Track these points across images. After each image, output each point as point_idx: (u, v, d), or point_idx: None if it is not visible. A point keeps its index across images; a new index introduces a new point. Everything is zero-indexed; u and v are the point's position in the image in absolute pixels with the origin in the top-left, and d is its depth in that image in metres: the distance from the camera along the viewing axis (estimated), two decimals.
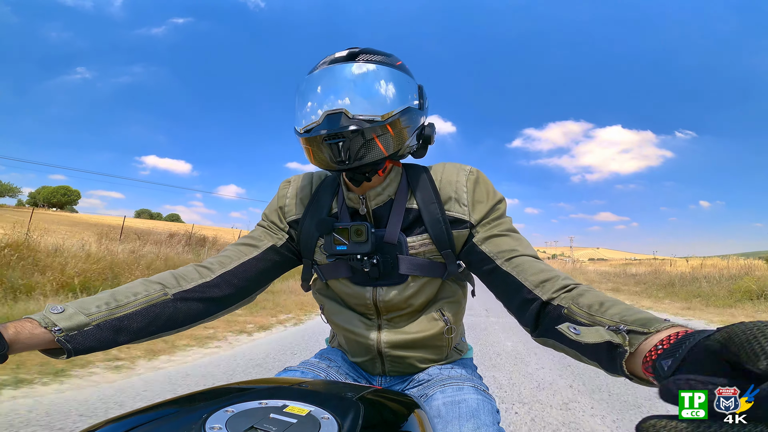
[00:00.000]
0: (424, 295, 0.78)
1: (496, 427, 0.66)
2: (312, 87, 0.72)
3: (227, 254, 0.78)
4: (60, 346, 0.55)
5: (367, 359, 0.84)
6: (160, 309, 0.66)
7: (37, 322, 0.55)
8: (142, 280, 0.68)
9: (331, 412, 0.46)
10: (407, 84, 0.74)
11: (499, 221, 0.75)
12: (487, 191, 0.76)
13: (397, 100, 0.71)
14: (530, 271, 0.65)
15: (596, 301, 0.54)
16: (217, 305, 0.74)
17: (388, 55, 0.75)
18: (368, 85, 0.70)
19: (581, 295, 0.57)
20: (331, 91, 0.70)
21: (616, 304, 0.52)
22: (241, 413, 0.44)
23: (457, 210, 0.74)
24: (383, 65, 0.72)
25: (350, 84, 0.69)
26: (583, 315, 0.54)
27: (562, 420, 2.22)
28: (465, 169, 0.78)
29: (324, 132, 0.66)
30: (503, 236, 0.72)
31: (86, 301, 0.61)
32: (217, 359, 3.19)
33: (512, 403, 2.48)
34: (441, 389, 0.75)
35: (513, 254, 0.69)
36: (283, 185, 0.87)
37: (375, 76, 0.71)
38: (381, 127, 0.67)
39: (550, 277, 0.63)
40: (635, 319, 0.46)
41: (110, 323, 0.60)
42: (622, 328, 0.46)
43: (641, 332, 0.43)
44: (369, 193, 0.76)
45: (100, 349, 0.59)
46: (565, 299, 0.58)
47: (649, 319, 0.45)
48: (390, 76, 0.72)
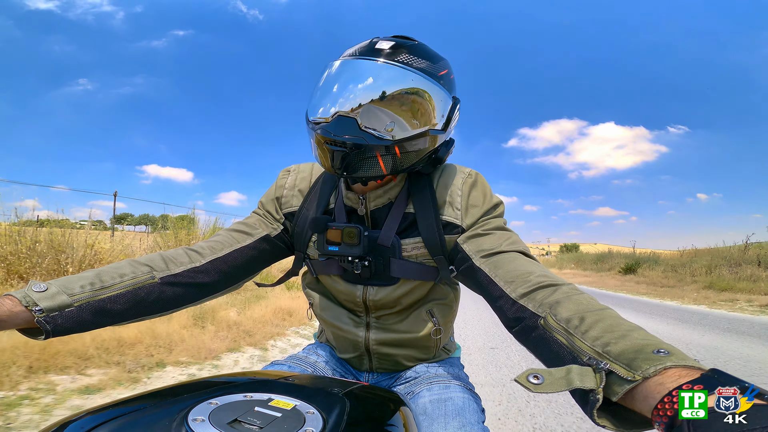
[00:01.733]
0: (414, 296, 0.77)
1: (480, 426, 0.66)
2: (336, 75, 0.66)
3: (219, 240, 0.76)
4: (39, 326, 0.53)
5: (354, 356, 0.84)
6: (145, 292, 0.63)
7: (17, 300, 0.53)
8: (130, 261, 0.66)
9: (316, 407, 0.45)
10: (440, 101, 0.68)
11: (487, 221, 0.71)
12: (484, 195, 0.73)
13: (419, 121, 0.66)
14: (505, 268, 0.61)
15: (576, 314, 0.48)
16: (204, 291, 0.72)
17: (436, 59, 0.69)
18: (392, 97, 0.64)
19: (559, 303, 0.51)
20: (351, 91, 0.64)
21: (600, 320, 0.45)
22: (225, 406, 0.44)
23: (451, 214, 0.71)
24: (423, 75, 0.65)
25: (374, 90, 0.63)
26: (561, 332, 0.47)
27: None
28: (464, 172, 0.75)
29: (330, 135, 0.62)
30: (486, 235, 0.69)
31: (70, 279, 0.59)
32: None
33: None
34: (428, 387, 0.75)
35: (492, 251, 0.65)
36: (282, 174, 0.84)
37: (407, 87, 0.64)
38: (388, 147, 0.64)
39: (523, 272, 0.59)
40: (621, 351, 0.39)
41: (93, 305, 0.58)
42: (602, 365, 0.38)
43: (624, 378, 0.36)
44: (369, 195, 0.74)
45: (80, 331, 0.58)
46: (542, 306, 0.53)
47: (639, 348, 0.38)
48: (423, 92, 0.65)
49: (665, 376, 0.34)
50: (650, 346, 0.38)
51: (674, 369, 0.34)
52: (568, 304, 0.50)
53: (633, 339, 0.40)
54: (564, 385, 0.37)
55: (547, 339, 0.49)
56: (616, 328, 0.43)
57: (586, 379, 0.37)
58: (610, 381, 0.37)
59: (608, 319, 0.46)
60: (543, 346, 0.50)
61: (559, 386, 0.37)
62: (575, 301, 0.51)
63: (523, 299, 0.56)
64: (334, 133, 0.63)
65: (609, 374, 0.38)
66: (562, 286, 0.55)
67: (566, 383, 0.37)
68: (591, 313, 0.47)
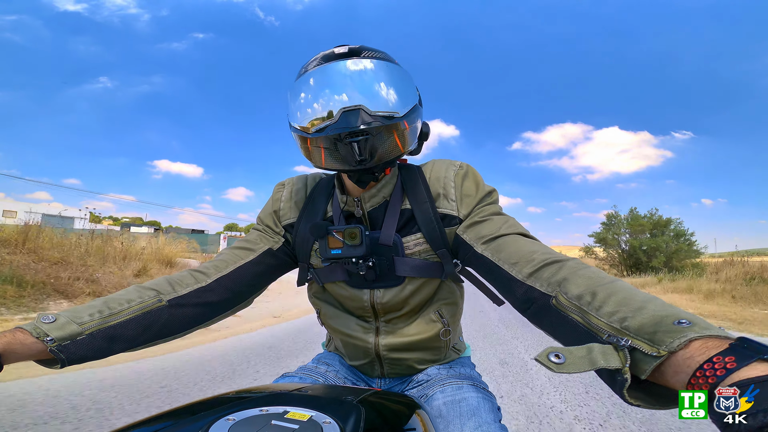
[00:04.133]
0: (421, 296, 0.78)
1: (497, 424, 0.66)
2: (319, 83, 0.68)
3: (223, 258, 0.77)
4: (53, 356, 0.54)
5: (365, 362, 0.84)
6: (154, 316, 0.64)
7: (28, 332, 0.53)
8: (136, 287, 0.67)
9: (332, 416, 0.46)
10: (410, 80, 0.72)
11: (482, 209, 0.72)
12: (477, 184, 0.74)
13: (410, 96, 0.70)
14: (508, 250, 0.62)
15: (587, 289, 0.46)
16: (213, 310, 0.72)
17: (384, 52, 0.73)
18: (382, 81, 0.67)
19: (567, 280, 0.50)
20: (345, 88, 0.66)
21: (613, 293, 0.44)
22: (242, 421, 0.44)
23: (446, 206, 0.73)
24: (388, 62, 0.70)
25: (364, 79, 0.67)
26: (574, 310, 0.46)
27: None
28: (454, 164, 0.77)
29: (344, 129, 0.63)
30: (484, 221, 0.69)
31: (78, 309, 0.60)
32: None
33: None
34: (441, 389, 0.75)
35: (492, 236, 0.66)
36: (277, 188, 0.85)
37: (387, 72, 0.68)
38: (400, 123, 0.66)
39: (526, 252, 0.59)
40: (640, 325, 0.38)
41: (104, 332, 0.59)
42: (623, 342, 0.37)
43: (650, 354, 0.35)
44: (364, 196, 0.75)
45: (95, 358, 0.58)
46: (550, 285, 0.52)
47: (659, 321, 0.37)
48: (398, 73, 0.70)
49: (692, 349, 0.33)
50: (670, 317, 0.37)
51: (700, 340, 0.33)
52: (577, 280, 0.49)
53: (650, 311, 0.39)
54: (587, 365, 0.35)
55: (561, 319, 0.48)
56: (630, 300, 0.42)
57: (610, 358, 0.36)
58: (635, 358, 0.36)
59: (621, 292, 0.44)
60: (559, 327, 0.49)
61: (582, 366, 0.35)
62: (583, 276, 0.50)
63: (530, 279, 0.56)
64: (348, 126, 0.63)
65: (632, 351, 0.36)
66: (568, 261, 0.55)
67: (590, 363, 0.35)
68: (602, 287, 0.46)
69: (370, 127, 0.63)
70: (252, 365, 3.12)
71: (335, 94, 0.66)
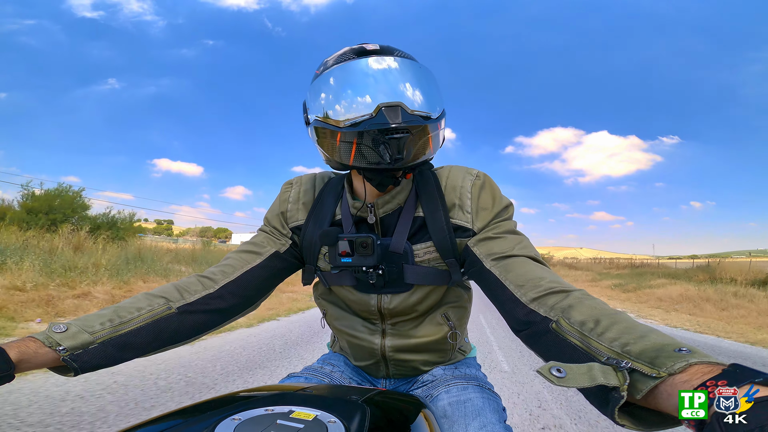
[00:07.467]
0: (429, 301, 0.77)
1: (502, 425, 0.65)
2: (354, 77, 0.65)
3: (229, 263, 0.76)
4: (66, 364, 0.55)
5: (371, 363, 0.83)
6: (164, 323, 0.65)
7: (40, 341, 0.54)
8: (145, 294, 0.67)
9: (337, 416, 0.46)
10: (439, 85, 0.71)
11: (498, 224, 0.70)
12: (493, 197, 0.72)
13: (441, 99, 0.69)
14: (516, 272, 0.61)
15: (591, 317, 0.47)
16: (222, 316, 0.72)
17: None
18: (420, 81, 0.66)
19: (572, 307, 0.50)
20: (385, 83, 0.64)
21: (616, 322, 0.45)
22: (248, 421, 0.44)
23: (461, 218, 0.70)
24: (420, 64, 0.69)
25: (403, 77, 0.65)
26: (575, 335, 0.47)
27: None
28: (471, 173, 0.74)
29: (383, 126, 0.60)
30: (497, 238, 0.68)
31: (89, 318, 0.60)
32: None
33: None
34: (446, 389, 0.75)
35: (503, 255, 0.65)
36: (284, 188, 0.83)
37: (423, 73, 0.67)
38: (435, 125, 0.65)
39: (534, 277, 0.58)
40: (641, 350, 0.39)
41: (115, 340, 0.59)
42: (624, 364, 0.38)
43: (649, 375, 0.36)
44: (378, 201, 0.73)
45: (107, 366, 0.59)
46: (554, 310, 0.52)
47: (660, 348, 0.38)
48: (430, 76, 0.68)
49: (689, 374, 0.34)
50: (671, 345, 0.38)
51: (698, 366, 0.34)
52: (581, 308, 0.50)
53: (652, 339, 0.40)
54: (587, 381, 0.36)
55: (559, 341, 0.49)
56: (632, 330, 0.43)
57: (609, 376, 0.36)
58: (633, 379, 0.37)
59: (624, 322, 0.45)
60: (554, 349, 0.50)
61: (582, 381, 0.36)
62: (588, 306, 0.50)
63: (533, 303, 0.55)
64: (387, 123, 0.61)
65: (631, 372, 0.37)
66: (574, 291, 0.55)
67: (589, 379, 0.36)
68: (606, 317, 0.47)
69: (410, 124, 0.62)
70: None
71: (372, 89, 0.64)
